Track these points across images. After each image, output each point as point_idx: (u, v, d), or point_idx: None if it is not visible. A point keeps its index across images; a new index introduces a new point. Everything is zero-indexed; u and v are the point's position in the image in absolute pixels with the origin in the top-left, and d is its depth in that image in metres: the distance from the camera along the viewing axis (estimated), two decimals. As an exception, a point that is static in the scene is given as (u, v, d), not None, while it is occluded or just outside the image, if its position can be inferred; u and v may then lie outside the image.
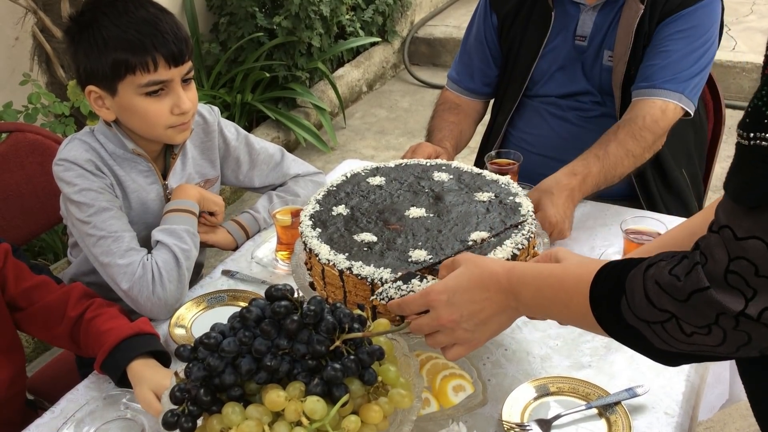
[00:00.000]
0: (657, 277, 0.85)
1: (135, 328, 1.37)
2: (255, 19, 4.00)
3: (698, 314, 0.81)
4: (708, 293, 0.80)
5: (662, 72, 1.80)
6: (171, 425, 0.98)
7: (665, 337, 0.86)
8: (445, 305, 1.08)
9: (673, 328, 0.84)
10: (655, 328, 0.86)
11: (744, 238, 0.77)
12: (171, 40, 1.50)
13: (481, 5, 2.09)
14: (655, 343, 0.88)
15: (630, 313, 0.88)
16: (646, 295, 0.86)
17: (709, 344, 0.83)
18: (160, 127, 1.56)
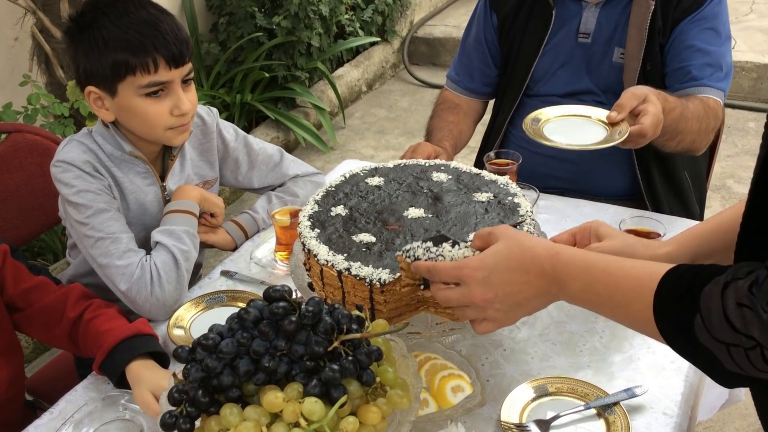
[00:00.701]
0: (737, 297, 0.80)
1: (134, 329, 1.37)
2: (254, 19, 4.00)
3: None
4: None
5: (704, 70, 1.82)
6: (169, 426, 0.98)
7: (743, 362, 0.81)
8: (480, 283, 1.03)
9: (756, 357, 0.80)
10: (734, 353, 0.81)
11: None
12: (171, 41, 1.50)
13: (480, 5, 2.09)
14: (727, 366, 0.83)
15: (706, 334, 0.83)
16: (726, 318, 0.81)
17: None
18: (160, 129, 1.56)
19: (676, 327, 0.87)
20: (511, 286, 1.03)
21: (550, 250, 1.02)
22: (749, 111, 4.29)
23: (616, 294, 0.95)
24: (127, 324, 1.39)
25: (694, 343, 0.84)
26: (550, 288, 1.02)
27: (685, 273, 0.88)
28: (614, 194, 1.97)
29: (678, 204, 1.99)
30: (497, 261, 1.03)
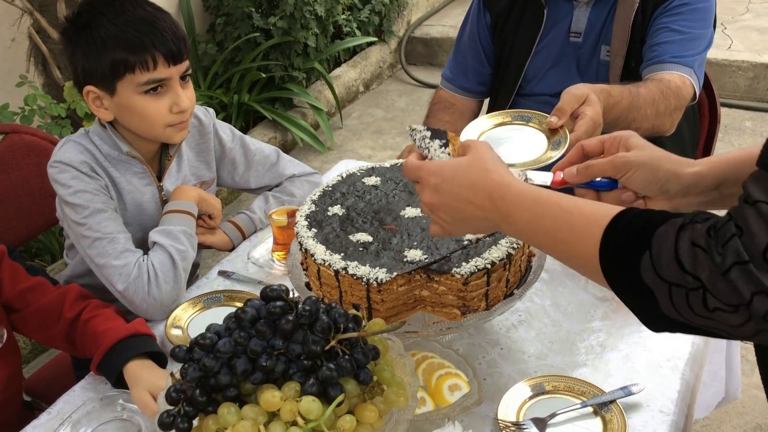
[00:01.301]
0: (693, 237, 0.79)
1: (131, 329, 1.37)
2: (251, 20, 4.00)
3: (732, 291, 0.76)
4: (747, 267, 0.75)
5: (670, 48, 1.80)
6: (167, 426, 0.98)
7: (681, 306, 0.81)
8: (431, 188, 1.05)
9: (696, 299, 0.79)
10: (675, 293, 0.80)
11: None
12: (170, 39, 1.50)
13: (474, 4, 2.10)
14: (663, 307, 0.82)
15: (651, 272, 0.82)
16: (677, 257, 0.80)
17: (728, 323, 0.79)
18: (159, 126, 1.56)
19: (621, 264, 0.86)
20: (457, 202, 1.04)
21: (504, 180, 1.01)
22: (745, 110, 4.29)
23: (564, 228, 0.94)
24: (124, 324, 1.39)
25: (636, 281, 0.84)
26: (491, 216, 1.01)
27: (642, 213, 0.88)
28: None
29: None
30: (454, 174, 1.04)
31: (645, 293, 0.83)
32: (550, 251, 1.00)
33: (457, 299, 1.24)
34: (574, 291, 1.51)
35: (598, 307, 1.47)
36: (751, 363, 2.62)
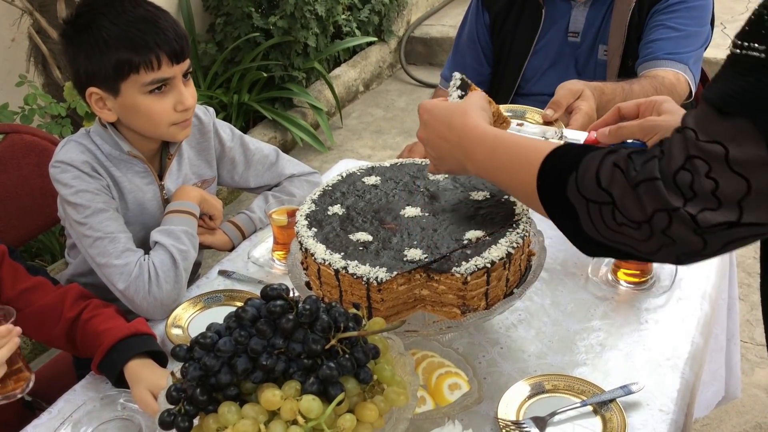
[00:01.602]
0: (616, 159, 0.87)
1: (132, 328, 1.37)
2: (251, 20, 4.00)
3: (637, 206, 0.83)
4: (654, 184, 0.82)
5: (665, 45, 1.81)
6: (167, 425, 0.98)
7: (597, 221, 0.88)
8: (422, 123, 1.16)
9: (607, 214, 0.87)
10: (591, 209, 0.88)
11: (706, 141, 0.79)
12: (172, 37, 1.51)
13: (473, 4, 2.10)
14: (584, 225, 0.90)
15: (574, 188, 0.90)
16: (596, 174, 0.88)
17: (635, 238, 0.85)
18: (164, 125, 1.56)
19: (552, 184, 0.94)
20: (437, 138, 1.15)
21: (475, 123, 1.11)
22: (745, 109, 4.29)
23: (514, 159, 1.02)
24: (125, 323, 1.39)
25: (562, 199, 0.91)
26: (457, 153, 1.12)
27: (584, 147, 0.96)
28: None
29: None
30: (440, 113, 1.14)
31: (569, 212, 0.91)
32: (503, 183, 1.10)
33: (457, 298, 1.24)
34: (574, 290, 1.51)
35: (598, 306, 1.47)
36: (750, 362, 2.63)
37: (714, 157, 0.78)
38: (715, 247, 0.83)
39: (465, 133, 1.10)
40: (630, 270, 1.51)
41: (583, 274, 1.56)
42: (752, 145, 0.76)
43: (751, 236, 0.82)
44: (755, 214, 0.79)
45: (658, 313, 1.44)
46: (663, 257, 0.87)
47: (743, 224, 0.79)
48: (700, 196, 0.79)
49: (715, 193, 0.78)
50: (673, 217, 0.81)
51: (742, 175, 0.77)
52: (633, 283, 1.51)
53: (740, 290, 2.75)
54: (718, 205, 0.79)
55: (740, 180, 0.77)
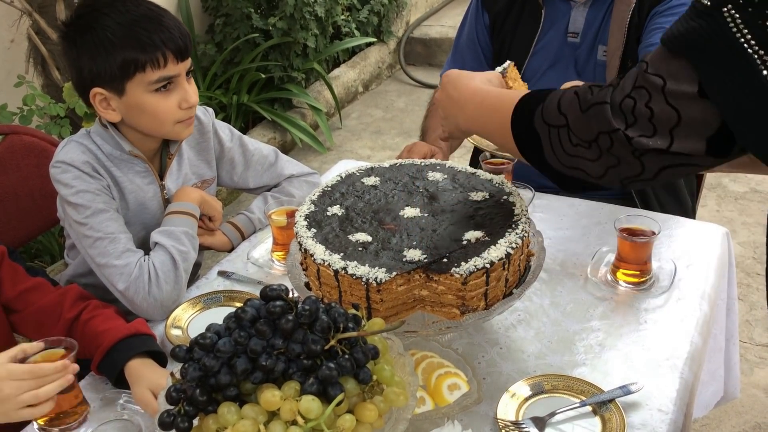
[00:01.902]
0: (577, 89, 0.97)
1: (132, 328, 1.37)
2: (250, 20, 4.00)
3: (587, 126, 0.94)
4: (603, 107, 0.92)
5: None
6: (167, 425, 0.98)
7: (556, 146, 0.99)
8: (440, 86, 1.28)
9: (564, 137, 0.97)
10: (552, 134, 0.98)
11: (651, 73, 0.88)
12: (177, 35, 1.51)
13: (473, 4, 2.10)
14: (546, 154, 1.00)
15: (540, 117, 1.00)
16: (558, 102, 0.98)
17: (586, 158, 0.96)
18: (169, 123, 1.57)
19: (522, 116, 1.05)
20: (446, 98, 1.26)
21: (474, 83, 1.21)
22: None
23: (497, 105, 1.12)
24: (125, 324, 1.40)
25: (529, 129, 1.02)
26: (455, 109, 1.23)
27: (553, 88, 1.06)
28: (608, 193, 1.98)
29: (671, 201, 1.99)
30: (456, 76, 1.27)
31: (535, 141, 1.01)
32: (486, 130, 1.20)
33: (457, 299, 1.24)
34: (573, 290, 1.52)
35: (597, 306, 1.47)
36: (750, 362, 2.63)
37: (654, 88, 0.88)
38: (652, 172, 0.93)
39: (463, 91, 1.22)
40: (629, 270, 1.52)
41: (582, 274, 1.56)
42: (686, 83, 0.85)
43: (681, 165, 0.91)
44: (683, 144, 0.88)
45: (657, 313, 1.44)
46: (609, 179, 0.96)
47: (672, 152, 0.89)
48: (638, 122, 0.89)
49: (651, 120, 0.88)
50: (614, 139, 0.91)
51: (674, 107, 0.87)
52: (632, 284, 1.51)
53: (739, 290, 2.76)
54: (653, 132, 0.89)
55: (672, 111, 0.87)
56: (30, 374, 1.13)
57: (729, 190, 3.58)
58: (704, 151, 0.88)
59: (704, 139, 0.87)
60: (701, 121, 0.86)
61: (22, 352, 1.18)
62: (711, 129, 0.86)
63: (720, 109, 0.83)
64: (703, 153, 0.88)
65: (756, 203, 3.47)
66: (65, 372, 1.17)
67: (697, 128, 0.86)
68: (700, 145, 0.87)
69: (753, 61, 0.79)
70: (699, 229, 1.71)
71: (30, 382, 1.13)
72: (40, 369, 1.15)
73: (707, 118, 0.85)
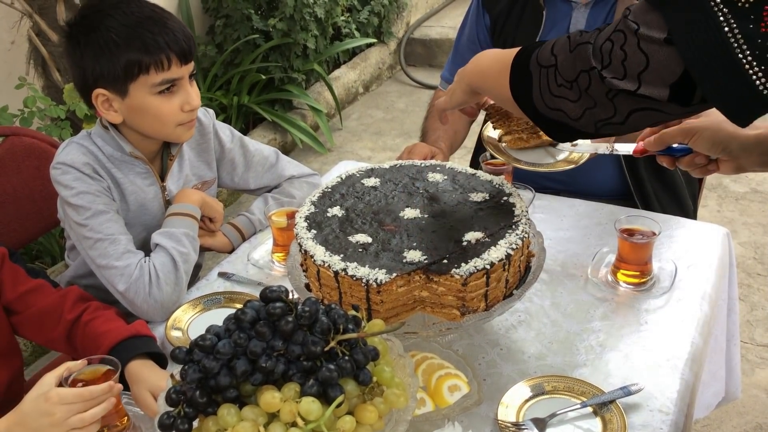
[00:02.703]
0: (571, 33, 1.05)
1: (132, 330, 1.37)
2: (251, 22, 4.00)
3: (570, 65, 1.01)
4: (586, 47, 0.99)
5: None
6: (167, 427, 0.98)
7: (543, 87, 1.05)
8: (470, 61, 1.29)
9: (552, 77, 1.03)
10: (542, 75, 1.05)
11: (631, 20, 0.95)
12: (181, 38, 1.51)
13: (473, 5, 2.10)
14: (534, 95, 1.06)
15: (534, 60, 1.07)
16: (553, 44, 1.05)
17: (568, 99, 1.02)
18: (171, 126, 1.57)
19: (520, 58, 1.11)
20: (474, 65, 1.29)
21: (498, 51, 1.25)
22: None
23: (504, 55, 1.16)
24: (125, 325, 1.39)
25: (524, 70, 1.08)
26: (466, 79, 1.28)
27: None
28: (608, 193, 1.98)
29: (672, 202, 1.99)
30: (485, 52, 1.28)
31: (527, 84, 1.08)
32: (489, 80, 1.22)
33: (457, 300, 1.24)
34: (574, 291, 1.51)
35: (598, 307, 1.47)
36: (751, 363, 2.63)
37: (629, 31, 0.95)
38: (623, 115, 0.99)
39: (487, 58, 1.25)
40: (629, 271, 1.51)
41: (582, 275, 1.56)
42: (657, 30, 0.92)
43: (648, 109, 0.97)
44: (649, 88, 0.94)
45: (657, 314, 1.44)
46: (586, 122, 1.02)
47: (640, 95, 0.95)
48: (612, 64, 0.96)
49: (623, 62, 0.95)
50: (591, 77, 0.98)
51: (644, 51, 0.93)
52: (633, 284, 1.51)
53: (740, 291, 2.76)
54: (624, 74, 0.96)
55: (642, 55, 0.94)
56: (78, 397, 1.12)
57: (730, 190, 3.57)
58: (667, 97, 0.94)
59: (668, 85, 0.93)
60: (666, 67, 0.93)
61: (67, 371, 1.18)
62: (674, 75, 0.93)
63: (683, 55, 0.90)
64: (666, 99, 0.94)
65: (757, 203, 3.47)
66: (111, 394, 1.17)
67: (663, 74, 0.93)
68: (665, 91, 0.94)
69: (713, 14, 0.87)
70: (700, 229, 1.71)
71: (78, 405, 1.12)
72: (88, 392, 1.13)
73: (671, 65, 0.92)
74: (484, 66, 1.25)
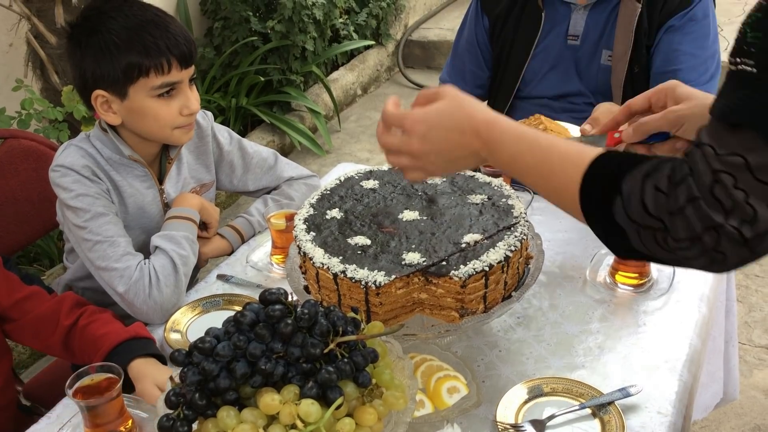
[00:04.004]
0: (656, 183, 0.88)
1: (132, 332, 1.37)
2: (249, 24, 4.01)
3: (687, 227, 0.85)
4: (698, 203, 0.83)
5: (689, 74, 1.80)
6: (166, 429, 0.98)
7: (649, 243, 0.90)
8: (420, 136, 1.09)
9: (661, 239, 0.88)
10: (643, 234, 0.89)
11: (726, 154, 0.81)
12: (182, 42, 1.51)
13: (472, 7, 2.10)
14: (634, 244, 0.91)
15: (623, 214, 0.91)
16: (642, 201, 0.88)
17: (687, 257, 0.88)
18: (169, 129, 1.57)
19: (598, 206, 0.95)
20: (447, 144, 1.09)
21: (488, 117, 1.07)
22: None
23: (544, 166, 1.02)
24: (124, 327, 1.39)
25: (610, 221, 0.92)
26: (481, 151, 1.08)
27: (614, 158, 0.96)
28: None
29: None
30: (440, 119, 1.09)
31: (618, 232, 0.92)
32: (532, 185, 1.07)
33: (456, 302, 1.24)
34: (572, 293, 1.52)
35: (596, 309, 1.47)
36: (749, 364, 2.63)
37: (737, 169, 0.81)
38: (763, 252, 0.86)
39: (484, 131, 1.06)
40: (628, 273, 1.52)
41: (581, 277, 1.56)
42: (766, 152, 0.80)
43: None
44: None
45: (655, 315, 1.44)
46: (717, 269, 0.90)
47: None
48: (737, 208, 0.82)
49: (748, 201, 0.81)
50: (721, 234, 0.83)
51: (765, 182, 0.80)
52: (631, 286, 1.51)
53: (738, 292, 2.76)
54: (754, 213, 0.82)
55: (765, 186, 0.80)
56: None
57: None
58: None
59: None
60: None
61: None
62: None
63: None
64: None
65: (754, 205, 3.47)
66: None
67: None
68: None
69: None
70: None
71: None
72: None
73: None
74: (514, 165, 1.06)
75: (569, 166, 0.98)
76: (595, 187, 0.95)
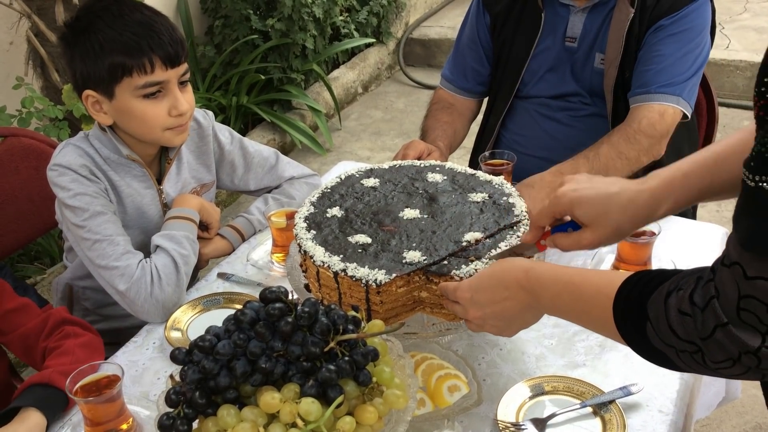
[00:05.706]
0: (680, 306, 0.86)
1: (45, 377, 1.29)
2: (249, 22, 4.00)
3: (722, 349, 0.82)
4: (728, 329, 0.81)
5: (658, 77, 1.80)
6: (166, 428, 0.98)
7: (690, 364, 0.87)
8: (470, 303, 1.14)
9: (699, 359, 0.86)
10: (682, 356, 0.87)
11: (753, 277, 0.78)
12: (167, 42, 1.51)
13: (473, 4, 2.10)
14: (681, 366, 0.90)
15: (657, 338, 0.89)
16: (669, 325, 0.87)
17: (734, 374, 0.85)
18: (158, 130, 1.56)
19: (634, 332, 0.93)
20: (495, 305, 1.12)
21: (523, 265, 1.10)
22: (743, 110, 4.30)
23: (579, 303, 1.03)
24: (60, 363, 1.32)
25: (649, 346, 0.91)
26: (530, 301, 1.09)
27: (638, 282, 0.95)
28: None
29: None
30: (480, 281, 1.14)
31: (665, 358, 0.91)
32: (578, 323, 1.08)
33: (456, 300, 1.24)
34: (573, 291, 1.51)
35: (597, 307, 1.47)
36: (750, 362, 2.60)
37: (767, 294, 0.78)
38: None
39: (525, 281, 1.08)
40: (629, 271, 1.51)
41: (582, 275, 1.55)
42: None
43: None
44: None
45: (657, 314, 1.44)
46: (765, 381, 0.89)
47: None
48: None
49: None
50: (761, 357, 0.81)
51: None
52: (632, 284, 1.51)
53: (739, 291, 2.74)
54: None
55: None
56: None
57: (729, 190, 3.57)
58: None
59: None
60: None
61: None
62: None
63: None
64: None
65: (756, 203, 3.46)
66: None
67: None
68: None
69: None
70: (699, 229, 1.71)
71: None
72: None
73: None
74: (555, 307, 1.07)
75: (603, 298, 0.97)
76: (625, 315, 0.94)
